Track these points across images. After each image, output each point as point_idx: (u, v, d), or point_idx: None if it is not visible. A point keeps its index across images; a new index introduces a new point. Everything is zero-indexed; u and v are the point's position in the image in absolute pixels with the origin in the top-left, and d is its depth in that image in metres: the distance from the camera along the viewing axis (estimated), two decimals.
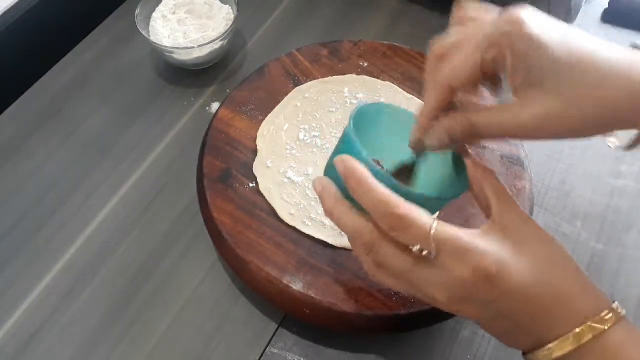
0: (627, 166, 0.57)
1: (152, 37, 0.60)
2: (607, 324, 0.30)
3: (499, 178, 0.35)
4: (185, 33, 0.61)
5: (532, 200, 0.51)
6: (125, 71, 0.64)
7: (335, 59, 0.59)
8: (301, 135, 0.53)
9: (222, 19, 0.62)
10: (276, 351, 0.46)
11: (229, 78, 0.63)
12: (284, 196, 0.49)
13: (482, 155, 0.53)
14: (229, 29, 0.59)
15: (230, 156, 0.52)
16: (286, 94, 0.56)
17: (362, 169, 0.32)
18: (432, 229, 0.31)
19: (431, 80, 0.35)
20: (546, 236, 0.33)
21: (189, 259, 0.51)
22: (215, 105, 0.60)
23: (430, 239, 0.31)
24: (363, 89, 0.57)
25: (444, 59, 0.34)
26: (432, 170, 0.40)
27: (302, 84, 0.57)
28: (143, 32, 0.59)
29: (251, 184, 0.51)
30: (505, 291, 0.31)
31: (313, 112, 0.55)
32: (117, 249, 0.51)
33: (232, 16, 0.61)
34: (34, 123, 0.59)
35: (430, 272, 0.32)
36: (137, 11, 0.60)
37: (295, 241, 0.47)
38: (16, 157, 0.57)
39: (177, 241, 0.52)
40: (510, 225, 0.33)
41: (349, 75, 0.58)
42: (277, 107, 0.55)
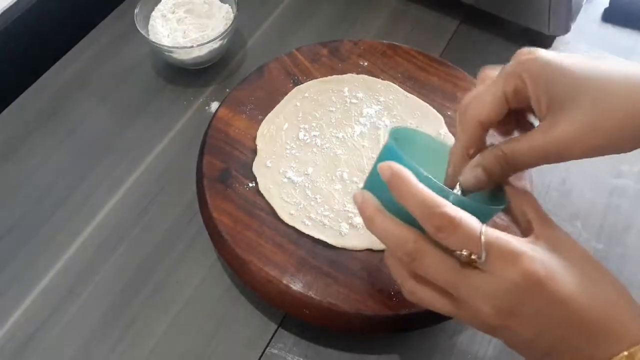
0: (627, 166, 0.57)
1: (152, 37, 0.60)
2: None
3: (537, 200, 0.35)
4: (184, 32, 0.61)
5: None
6: (125, 71, 0.64)
7: (335, 59, 0.59)
8: (301, 135, 0.53)
9: (221, 18, 0.62)
10: (276, 352, 0.46)
11: (229, 78, 0.63)
12: (283, 196, 0.49)
13: None
14: (228, 28, 0.59)
15: (230, 156, 0.52)
16: (286, 93, 0.56)
17: (409, 172, 0.32)
18: (482, 231, 0.30)
19: (461, 122, 0.36)
20: (592, 257, 0.33)
21: (188, 259, 0.51)
22: (215, 105, 0.60)
23: (480, 241, 0.30)
24: (363, 88, 0.57)
25: (471, 104, 0.36)
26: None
27: (302, 83, 0.57)
28: (142, 32, 0.59)
29: (251, 184, 0.50)
30: (554, 300, 0.30)
31: (313, 111, 0.55)
32: (117, 249, 0.51)
33: (231, 16, 0.61)
34: (34, 123, 0.59)
35: (478, 280, 0.31)
36: (136, 11, 0.60)
37: (295, 241, 0.47)
38: (16, 157, 0.57)
39: (177, 241, 0.52)
40: (555, 243, 0.32)
41: (349, 74, 0.58)
42: (277, 106, 0.55)
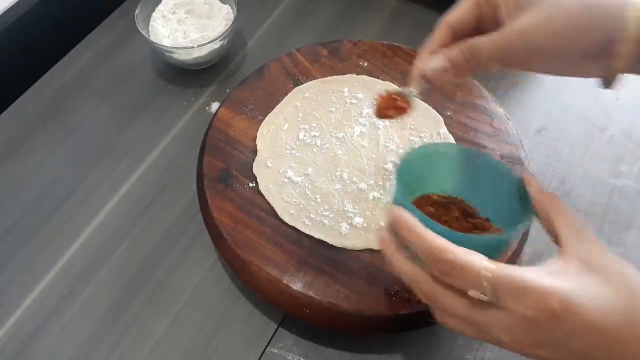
0: (627, 166, 0.57)
1: (152, 37, 0.60)
2: None
3: (566, 206, 0.34)
4: (185, 33, 0.61)
5: None
6: (125, 71, 0.64)
7: (335, 59, 0.59)
8: (301, 135, 0.53)
9: (222, 18, 0.62)
10: (276, 351, 0.46)
11: (229, 78, 0.63)
12: (284, 196, 0.49)
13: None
14: (228, 29, 0.59)
15: (230, 156, 0.52)
16: (286, 94, 0.56)
17: (411, 218, 0.33)
18: (484, 270, 0.30)
19: (434, 30, 0.38)
20: (629, 270, 0.32)
21: (189, 259, 0.51)
22: (215, 105, 0.60)
23: (482, 281, 0.30)
24: (363, 88, 0.57)
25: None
26: (499, 203, 0.39)
27: (302, 84, 0.57)
28: (143, 32, 0.59)
29: (251, 184, 0.50)
30: (578, 328, 0.29)
31: (313, 112, 0.55)
32: (117, 249, 0.51)
33: (232, 16, 0.61)
34: (34, 123, 0.59)
35: (493, 316, 0.31)
36: (137, 11, 0.60)
37: (295, 241, 0.47)
38: (16, 157, 0.57)
39: (177, 241, 0.52)
40: (587, 259, 0.32)
41: (349, 75, 0.58)
42: (277, 107, 0.55)
